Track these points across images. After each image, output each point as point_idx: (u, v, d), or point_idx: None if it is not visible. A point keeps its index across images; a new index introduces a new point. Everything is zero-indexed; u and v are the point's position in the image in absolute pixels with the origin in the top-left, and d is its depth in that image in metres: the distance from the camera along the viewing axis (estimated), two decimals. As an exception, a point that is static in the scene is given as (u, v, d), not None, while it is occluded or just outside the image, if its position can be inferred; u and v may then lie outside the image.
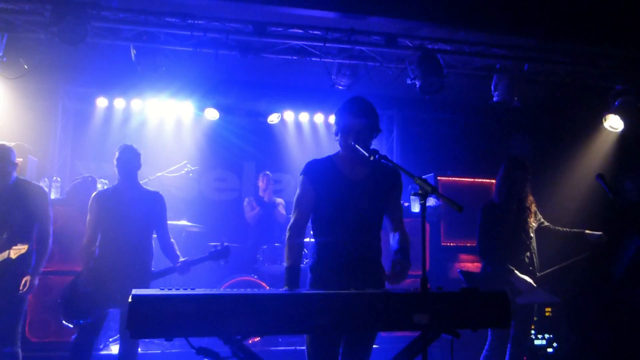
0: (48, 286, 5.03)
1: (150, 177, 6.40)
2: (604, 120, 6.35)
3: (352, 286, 2.57)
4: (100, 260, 4.04)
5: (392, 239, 3.02)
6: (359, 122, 2.87)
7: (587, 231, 4.24)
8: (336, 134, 3.01)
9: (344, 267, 2.84)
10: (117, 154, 4.22)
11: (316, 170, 2.97)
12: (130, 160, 4.20)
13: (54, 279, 5.11)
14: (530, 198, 4.27)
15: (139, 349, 4.23)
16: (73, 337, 3.99)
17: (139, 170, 4.27)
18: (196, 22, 5.13)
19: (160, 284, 5.89)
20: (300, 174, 2.99)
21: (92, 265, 4.02)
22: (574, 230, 4.32)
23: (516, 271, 4.03)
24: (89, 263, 4.02)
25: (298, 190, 2.98)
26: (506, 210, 4.19)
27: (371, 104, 2.95)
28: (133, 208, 4.09)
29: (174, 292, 2.11)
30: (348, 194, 2.91)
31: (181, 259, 4.18)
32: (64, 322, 4.05)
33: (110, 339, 5.51)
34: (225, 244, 4.39)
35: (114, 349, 5.34)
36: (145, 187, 4.37)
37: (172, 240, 4.27)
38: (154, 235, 4.29)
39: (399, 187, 3.08)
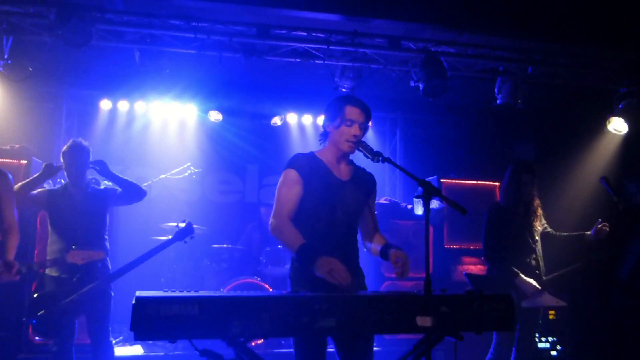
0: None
1: (154, 179, 6.41)
2: (607, 122, 6.32)
3: (337, 289, 2.49)
4: (54, 264, 3.93)
5: (373, 240, 2.97)
6: (357, 120, 2.81)
7: (586, 232, 4.24)
8: (326, 132, 2.96)
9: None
10: (64, 149, 4.01)
11: (305, 165, 2.86)
12: (78, 157, 4.00)
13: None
14: (537, 201, 4.26)
15: (142, 351, 4.21)
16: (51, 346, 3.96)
17: (89, 168, 4.08)
18: (200, 24, 5.15)
19: (163, 285, 5.93)
20: (289, 167, 2.86)
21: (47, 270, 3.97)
22: (574, 234, 4.32)
23: (521, 274, 4.02)
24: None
25: (283, 184, 2.83)
26: (513, 212, 4.18)
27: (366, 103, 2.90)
28: (82, 209, 4.00)
29: (177, 294, 2.11)
30: (336, 193, 2.85)
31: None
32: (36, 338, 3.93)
33: (114, 340, 5.50)
34: (187, 220, 4.18)
35: (117, 350, 5.33)
36: (94, 186, 4.20)
37: None
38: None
39: (374, 193, 3.06)
